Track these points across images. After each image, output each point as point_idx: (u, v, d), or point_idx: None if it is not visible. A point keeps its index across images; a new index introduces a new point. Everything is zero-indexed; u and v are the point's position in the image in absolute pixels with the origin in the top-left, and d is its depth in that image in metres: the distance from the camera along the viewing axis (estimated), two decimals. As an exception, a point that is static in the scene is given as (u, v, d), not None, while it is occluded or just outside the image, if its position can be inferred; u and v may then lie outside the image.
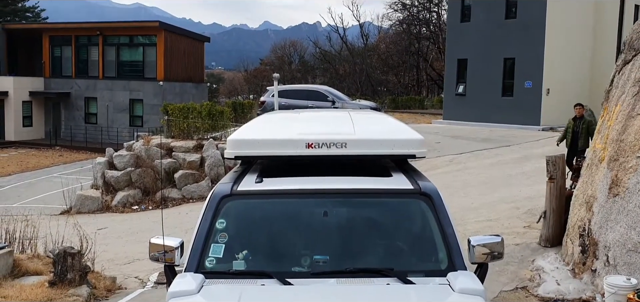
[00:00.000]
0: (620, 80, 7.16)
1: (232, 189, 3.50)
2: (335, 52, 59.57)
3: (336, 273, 3.11)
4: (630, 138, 6.32)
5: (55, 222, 10.82)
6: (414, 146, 3.82)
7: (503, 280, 6.83)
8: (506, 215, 9.64)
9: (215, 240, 3.31)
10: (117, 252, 10.61)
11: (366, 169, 3.85)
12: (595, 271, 6.33)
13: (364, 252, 3.34)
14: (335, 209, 3.47)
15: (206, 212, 3.40)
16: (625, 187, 6.20)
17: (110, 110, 34.06)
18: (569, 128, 11.90)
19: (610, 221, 6.25)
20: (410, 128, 4.16)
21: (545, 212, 7.88)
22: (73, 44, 35.14)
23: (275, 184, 3.59)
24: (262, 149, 3.77)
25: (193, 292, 2.93)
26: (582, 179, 7.35)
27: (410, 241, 3.43)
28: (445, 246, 3.25)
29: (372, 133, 4.00)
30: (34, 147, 32.50)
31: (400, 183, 3.60)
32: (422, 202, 3.44)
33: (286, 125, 4.26)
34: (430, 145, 17.73)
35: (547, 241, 7.77)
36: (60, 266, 7.24)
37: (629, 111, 6.53)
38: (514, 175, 13.09)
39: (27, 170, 26.24)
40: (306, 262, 3.23)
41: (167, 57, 33.20)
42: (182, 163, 16.93)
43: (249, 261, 3.26)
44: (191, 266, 3.22)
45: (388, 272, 3.10)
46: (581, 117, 11.69)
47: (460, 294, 2.87)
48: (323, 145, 3.70)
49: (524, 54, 22.30)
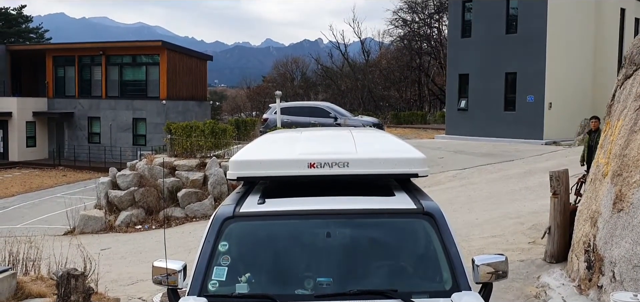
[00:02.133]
0: (622, 94, 7.16)
1: (235, 210, 3.49)
2: (337, 69, 59.81)
3: (340, 296, 3.09)
4: (633, 153, 6.30)
5: (59, 243, 10.80)
6: (417, 165, 3.81)
7: (509, 297, 6.78)
8: (511, 231, 9.59)
9: (218, 263, 3.30)
10: (121, 273, 10.58)
11: (369, 188, 3.85)
12: (601, 287, 6.28)
13: (367, 273, 3.32)
14: (338, 229, 3.47)
15: (209, 235, 3.39)
16: (629, 203, 6.17)
17: (114, 130, 34.18)
18: (585, 142, 11.79)
19: (615, 237, 6.22)
20: (412, 147, 4.16)
21: (550, 227, 7.85)
22: (76, 64, 35.38)
23: (278, 205, 3.59)
24: (264, 170, 3.77)
25: None
26: (586, 194, 7.33)
27: (413, 261, 3.42)
28: (449, 266, 3.23)
29: (374, 153, 4.00)
30: (38, 168, 32.58)
31: (403, 203, 3.59)
32: (425, 222, 3.42)
33: (288, 145, 4.27)
34: (433, 161, 17.71)
35: (552, 257, 7.73)
36: (64, 288, 7.20)
37: (631, 126, 6.52)
38: (517, 190, 13.05)
39: (31, 190, 26.29)
40: (309, 284, 3.21)
41: (170, 76, 33.39)
42: (185, 182, 16.93)
43: (252, 284, 3.24)
44: (194, 289, 3.21)
45: (392, 293, 3.08)
46: (597, 130, 11.44)
47: None
48: (325, 165, 3.70)
49: (526, 68, 22.36)
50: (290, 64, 66.92)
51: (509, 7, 23.46)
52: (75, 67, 35.43)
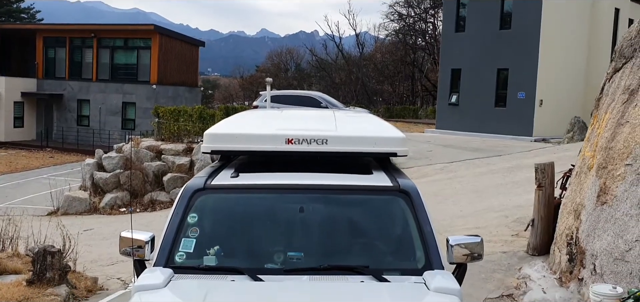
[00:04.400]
0: (610, 88, 7.11)
1: (206, 183, 3.39)
2: (332, 61, 59.66)
3: (310, 270, 3.01)
4: (619, 145, 6.25)
5: (40, 223, 10.65)
6: (396, 144, 3.73)
7: (489, 287, 6.73)
8: (495, 223, 9.56)
9: (186, 234, 3.21)
10: (101, 254, 10.46)
11: (347, 167, 3.77)
12: (582, 279, 6.24)
13: (339, 249, 3.24)
14: (311, 205, 3.38)
15: (178, 206, 3.29)
16: (613, 195, 6.13)
17: (103, 113, 33.88)
18: None
19: (598, 230, 6.18)
20: (393, 127, 4.08)
21: (534, 220, 7.80)
22: (67, 45, 34.99)
23: (251, 179, 3.49)
24: (239, 144, 3.67)
25: (159, 286, 2.81)
26: (571, 188, 7.28)
27: (387, 238, 3.34)
28: (422, 245, 3.15)
29: (353, 130, 3.92)
30: (25, 149, 32.24)
31: (379, 180, 3.50)
32: (400, 200, 3.34)
33: (267, 121, 4.17)
34: (421, 154, 17.67)
35: (535, 250, 7.68)
36: (39, 265, 7.09)
37: (618, 119, 6.47)
38: (504, 184, 13.03)
39: (16, 171, 26.00)
40: (279, 258, 3.13)
41: (161, 60, 33.10)
42: (171, 166, 16.78)
43: (220, 257, 3.15)
44: (160, 260, 3.11)
45: (363, 269, 3.00)
46: None
47: (436, 293, 2.77)
48: (303, 142, 3.60)
49: (518, 64, 22.35)
50: (285, 55, 66.69)
51: (503, 4, 23.41)
52: (66, 49, 35.04)
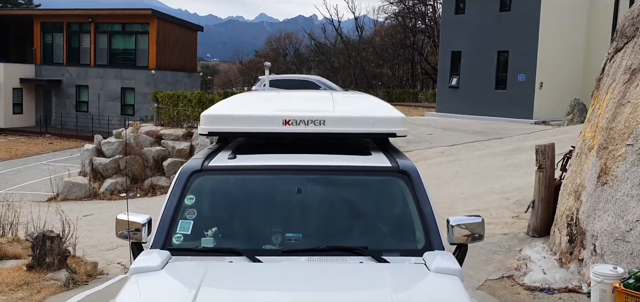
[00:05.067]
0: (611, 68, 7.05)
1: (203, 164, 3.36)
2: (331, 45, 59.35)
3: (308, 251, 2.98)
4: (620, 126, 6.21)
5: (39, 208, 10.65)
6: (395, 124, 3.69)
7: (489, 269, 6.73)
8: (495, 205, 9.55)
9: (184, 216, 3.18)
10: (101, 239, 10.45)
11: (346, 148, 3.73)
12: (582, 260, 6.24)
13: (338, 230, 3.21)
14: (309, 186, 3.34)
15: (175, 188, 3.26)
16: (614, 176, 6.10)
17: (102, 99, 33.77)
18: None
19: (598, 210, 6.16)
20: (391, 107, 4.03)
21: (534, 202, 7.79)
22: (65, 30, 34.77)
23: (248, 160, 3.46)
24: (237, 126, 3.63)
25: (156, 268, 2.79)
26: (571, 169, 7.26)
27: (386, 219, 3.30)
28: (422, 226, 3.12)
29: (351, 111, 3.87)
30: (24, 135, 32.19)
31: (378, 161, 3.47)
32: (399, 180, 3.30)
33: (264, 102, 4.12)
34: (421, 137, 17.62)
35: (535, 231, 7.68)
36: (39, 250, 7.09)
37: (619, 99, 6.42)
38: (504, 167, 13.01)
39: (16, 157, 25.98)
40: (277, 240, 3.10)
41: (160, 45, 32.93)
42: (171, 151, 16.74)
43: (218, 238, 3.12)
44: (157, 242, 3.08)
45: (362, 251, 2.97)
46: None
47: (436, 273, 2.75)
48: (301, 123, 3.56)
49: (518, 47, 22.22)
50: (283, 40, 66.35)
51: (503, -15, 23.23)
52: (63, 34, 34.83)
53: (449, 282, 2.66)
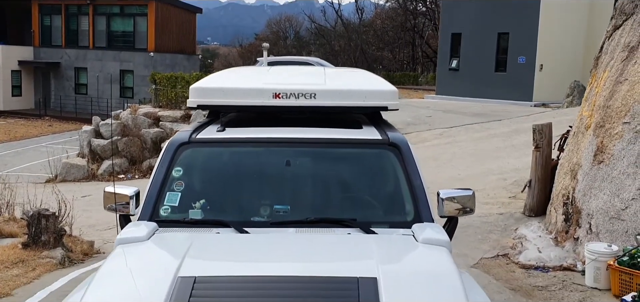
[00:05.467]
0: (610, 46, 6.99)
1: (191, 136, 3.33)
2: (331, 28, 59.00)
3: (296, 223, 2.96)
4: (617, 104, 6.17)
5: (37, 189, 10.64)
6: (386, 98, 3.65)
7: (484, 248, 6.73)
8: (492, 186, 9.54)
9: (171, 188, 3.16)
10: (99, 219, 10.45)
11: (337, 123, 3.70)
12: (577, 239, 6.23)
13: (327, 203, 3.19)
14: (298, 159, 3.32)
15: (162, 160, 3.23)
16: (610, 154, 6.07)
17: (101, 81, 33.68)
18: None
19: (594, 189, 6.13)
20: (384, 80, 4.00)
21: (531, 181, 7.76)
22: (63, 12, 34.56)
23: (237, 133, 3.43)
24: (226, 98, 3.59)
25: (142, 238, 2.77)
26: (568, 147, 7.22)
27: (376, 192, 3.28)
28: (412, 198, 3.09)
29: (343, 84, 3.84)
30: (23, 117, 32.15)
31: (368, 134, 3.44)
32: (390, 153, 3.28)
33: (255, 76, 4.09)
34: (420, 119, 17.55)
35: (532, 211, 7.66)
36: (34, 228, 7.10)
37: (617, 77, 6.37)
38: (503, 148, 12.98)
39: (15, 139, 25.98)
40: (266, 212, 3.08)
41: (158, 27, 32.75)
42: (170, 133, 16.70)
43: (206, 210, 3.10)
44: (145, 214, 3.06)
45: (351, 222, 2.95)
46: None
47: (424, 244, 2.73)
48: (291, 96, 3.53)
49: (518, 29, 22.06)
50: (284, 23, 65.98)
51: (504, -34, 22.99)
52: (61, 16, 34.62)
53: (437, 253, 2.64)
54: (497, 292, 5.41)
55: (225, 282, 2.33)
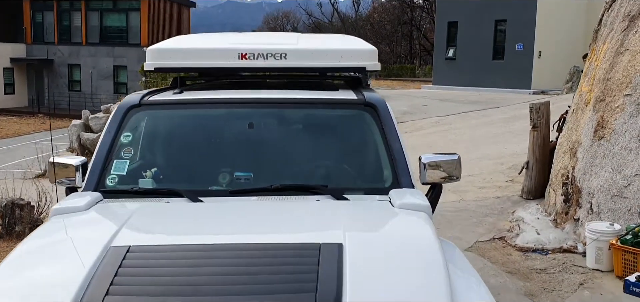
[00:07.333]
0: (609, 17, 6.64)
1: (142, 99, 2.98)
2: (328, 22, 58.60)
3: (259, 191, 2.62)
4: (618, 75, 5.82)
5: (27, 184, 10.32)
6: (365, 57, 3.29)
7: (480, 231, 6.39)
8: (489, 170, 9.21)
9: (119, 156, 2.81)
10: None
11: (312, 88, 3.34)
12: (578, 220, 5.89)
13: (294, 169, 2.84)
14: (263, 120, 2.97)
15: (110, 125, 2.89)
16: (611, 129, 5.73)
17: (94, 77, 33.30)
18: None
19: (594, 166, 5.79)
20: (362, 40, 3.65)
21: (528, 162, 7.43)
22: (55, 9, 34.16)
23: (196, 94, 3.08)
24: (186, 60, 3.24)
25: (80, 209, 2.44)
26: (567, 126, 6.88)
27: (350, 156, 2.94)
28: (390, 162, 2.75)
29: (317, 44, 3.49)
30: (17, 115, 31.80)
31: (343, 95, 3.09)
32: (366, 114, 2.93)
33: (221, 37, 3.73)
34: (417, 108, 17.21)
35: (529, 193, 7.33)
36: (8, 218, 6.85)
37: (617, 48, 6.02)
38: (500, 134, 12.65)
39: (8, 136, 25.64)
40: (225, 179, 2.73)
41: (152, 22, 32.37)
42: (160, 125, 16.41)
43: (158, 179, 2.76)
44: (90, 184, 2.72)
45: (321, 189, 2.60)
46: None
47: (400, 209, 2.38)
48: (259, 57, 3.17)
49: (516, 15, 21.69)
50: (281, 19, 65.62)
51: (501, -48, 22.61)
52: (54, 12, 34.22)
53: (413, 218, 2.30)
54: (493, 275, 5.08)
55: (163, 252, 1.99)
